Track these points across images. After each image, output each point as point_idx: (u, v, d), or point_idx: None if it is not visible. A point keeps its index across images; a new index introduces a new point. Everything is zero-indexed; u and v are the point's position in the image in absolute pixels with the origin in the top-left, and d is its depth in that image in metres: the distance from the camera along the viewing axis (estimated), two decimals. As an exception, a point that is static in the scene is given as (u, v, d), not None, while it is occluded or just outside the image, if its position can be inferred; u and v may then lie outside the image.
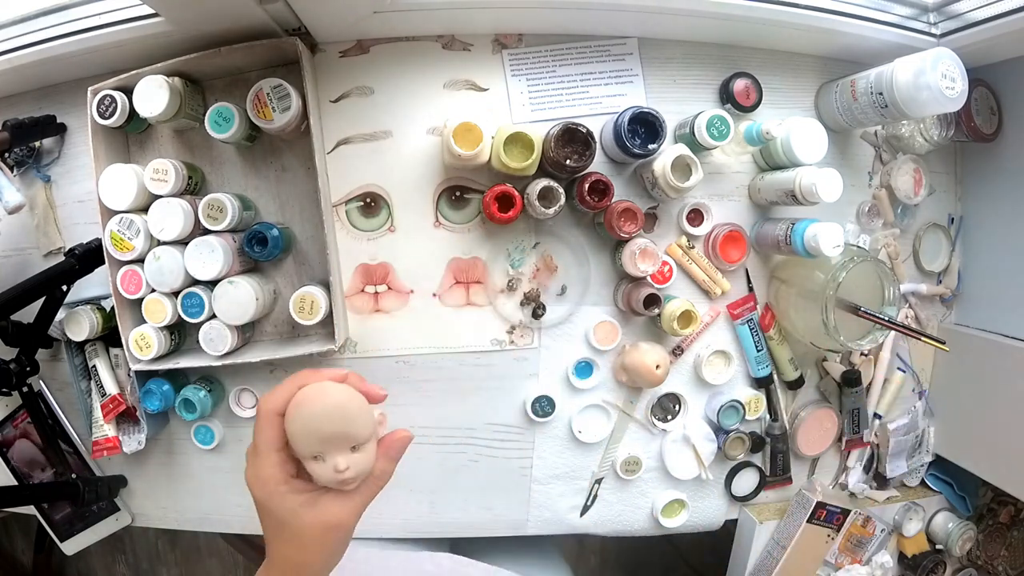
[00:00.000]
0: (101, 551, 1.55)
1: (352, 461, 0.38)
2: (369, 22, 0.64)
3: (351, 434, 0.38)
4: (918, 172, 0.79)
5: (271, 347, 0.70)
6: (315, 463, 0.38)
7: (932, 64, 0.62)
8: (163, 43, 0.63)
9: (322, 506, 0.39)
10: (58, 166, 0.73)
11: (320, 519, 0.39)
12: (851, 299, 0.68)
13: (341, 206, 0.71)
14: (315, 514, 0.39)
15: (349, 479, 0.38)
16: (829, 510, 0.77)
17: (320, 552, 0.40)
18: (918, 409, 0.85)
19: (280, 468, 0.39)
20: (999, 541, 0.91)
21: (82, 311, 0.69)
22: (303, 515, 0.39)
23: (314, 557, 0.40)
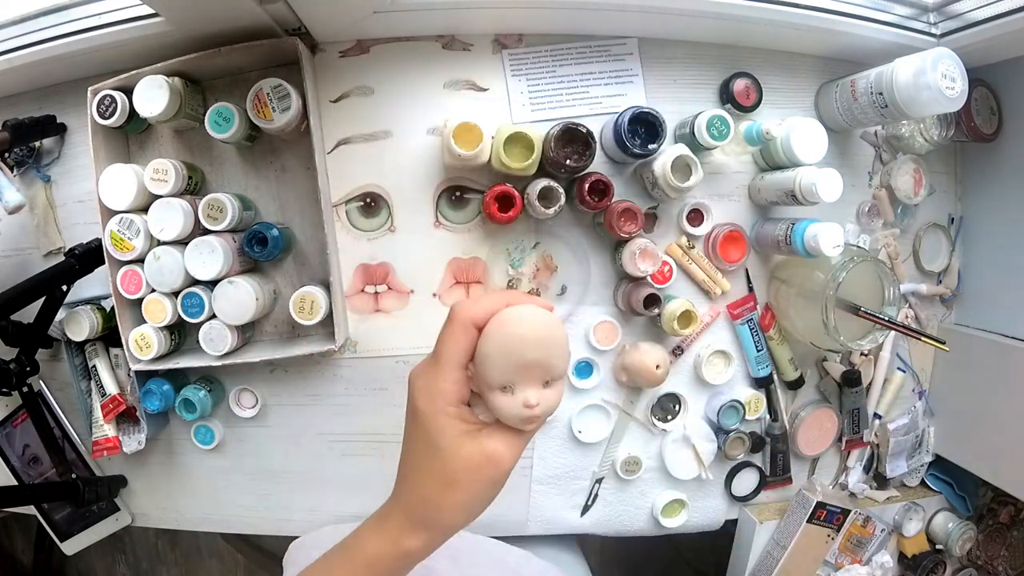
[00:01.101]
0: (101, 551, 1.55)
1: (543, 397, 0.35)
2: (369, 22, 0.64)
3: (551, 366, 0.35)
4: (918, 172, 0.79)
5: (271, 347, 0.70)
6: (502, 395, 0.35)
7: (932, 64, 0.62)
8: (163, 43, 0.63)
9: (485, 438, 0.36)
10: (58, 166, 0.73)
11: (483, 448, 0.35)
12: (851, 299, 0.68)
13: (341, 206, 0.71)
14: (477, 444, 0.35)
15: (536, 416, 0.35)
16: (829, 510, 0.77)
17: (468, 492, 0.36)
18: (918, 409, 0.85)
19: (458, 387, 0.36)
20: (999, 541, 0.91)
21: (82, 311, 0.69)
22: (464, 443, 0.35)
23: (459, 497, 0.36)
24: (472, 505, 0.37)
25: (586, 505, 0.79)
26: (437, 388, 0.35)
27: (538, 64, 0.71)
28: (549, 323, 0.35)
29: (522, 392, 0.34)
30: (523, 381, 0.34)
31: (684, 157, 0.66)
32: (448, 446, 0.35)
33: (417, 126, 0.70)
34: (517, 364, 0.34)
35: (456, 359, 0.35)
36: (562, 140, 0.64)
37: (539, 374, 0.34)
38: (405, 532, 0.36)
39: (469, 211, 0.72)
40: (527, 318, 0.34)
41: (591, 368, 0.76)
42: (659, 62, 0.73)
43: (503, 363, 0.34)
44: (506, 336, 0.34)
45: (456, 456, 0.35)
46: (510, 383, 0.34)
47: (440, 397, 0.35)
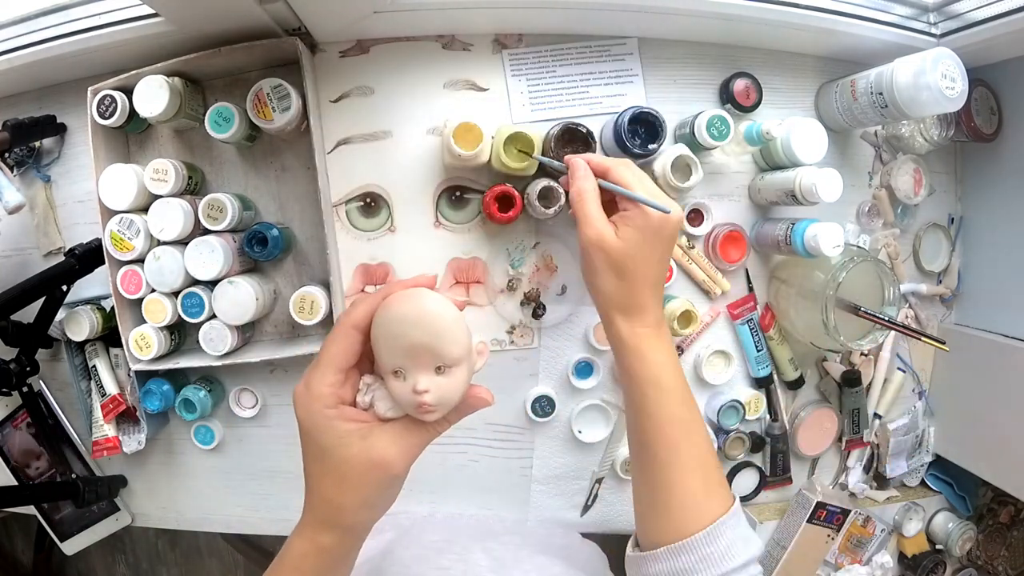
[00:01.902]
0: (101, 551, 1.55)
1: (435, 385, 0.33)
2: (369, 22, 0.64)
3: (440, 350, 0.33)
4: (918, 172, 0.79)
5: (271, 347, 0.70)
6: (395, 380, 0.34)
7: (932, 64, 0.62)
8: (163, 43, 0.63)
9: (372, 440, 0.34)
10: (58, 166, 0.73)
11: (366, 454, 0.34)
12: (851, 299, 0.68)
13: (341, 206, 0.71)
14: (362, 447, 0.34)
15: (427, 405, 0.33)
16: (829, 510, 0.77)
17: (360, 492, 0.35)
18: (918, 409, 0.85)
19: (333, 388, 0.35)
20: (999, 541, 0.91)
21: (82, 311, 0.69)
22: (349, 445, 0.34)
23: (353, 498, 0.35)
24: (371, 504, 0.36)
25: (586, 505, 0.79)
26: (312, 392, 0.35)
27: (538, 64, 0.71)
28: (431, 304, 0.33)
29: (412, 377, 0.33)
30: (413, 366, 0.33)
31: (684, 157, 0.66)
32: (333, 450, 0.34)
33: (417, 126, 0.70)
34: (402, 347, 0.33)
35: (332, 361, 0.35)
36: (562, 140, 0.64)
37: (428, 359, 0.33)
38: (317, 530, 0.36)
39: (469, 211, 0.72)
40: (406, 300, 0.33)
41: (591, 368, 0.76)
42: (659, 62, 0.73)
43: (388, 346, 0.33)
44: (387, 319, 0.33)
45: (342, 459, 0.34)
46: (401, 367, 0.33)
47: (317, 400, 0.35)
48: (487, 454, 0.77)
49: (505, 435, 0.77)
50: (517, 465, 0.77)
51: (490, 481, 0.77)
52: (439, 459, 0.76)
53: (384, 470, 0.35)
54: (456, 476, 0.77)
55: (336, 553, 0.37)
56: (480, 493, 0.78)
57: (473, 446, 0.76)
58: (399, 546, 0.65)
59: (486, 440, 0.77)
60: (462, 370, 0.34)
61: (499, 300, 0.73)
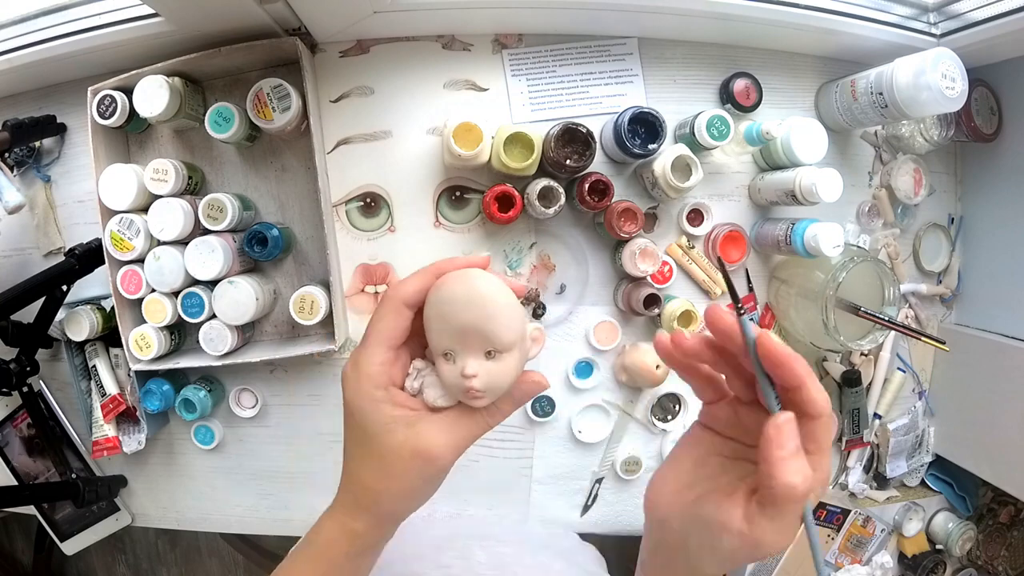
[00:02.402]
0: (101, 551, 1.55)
1: (484, 369, 0.31)
2: (369, 22, 0.64)
3: (490, 333, 0.31)
4: (918, 172, 0.79)
5: (271, 347, 0.70)
6: (444, 363, 0.32)
7: (932, 64, 0.62)
8: (163, 43, 0.63)
9: (420, 428, 0.33)
10: (58, 166, 0.73)
11: (412, 443, 0.32)
12: (851, 299, 0.68)
13: (341, 206, 0.71)
14: (409, 435, 0.32)
15: (475, 390, 0.32)
16: (829, 510, 0.77)
17: (401, 482, 0.33)
18: (918, 409, 0.85)
19: (384, 368, 0.33)
20: (999, 541, 0.91)
21: (82, 311, 0.69)
22: (394, 432, 0.32)
23: (393, 486, 0.33)
24: (411, 495, 0.35)
25: (586, 505, 0.79)
26: (361, 371, 0.33)
27: (538, 64, 0.71)
28: (486, 285, 0.31)
29: (462, 360, 0.32)
30: (463, 349, 0.32)
31: (684, 157, 0.66)
32: (378, 435, 0.32)
33: (417, 126, 0.70)
34: (452, 328, 0.31)
35: (382, 338, 0.33)
36: (562, 140, 0.64)
37: (478, 342, 0.31)
38: (351, 515, 0.35)
39: (469, 211, 0.72)
40: (459, 279, 0.31)
41: (591, 368, 0.76)
42: (659, 62, 0.73)
43: (439, 327, 0.32)
44: (439, 299, 0.32)
45: (386, 446, 0.32)
46: (451, 350, 0.32)
47: (366, 380, 0.32)
48: (487, 454, 0.77)
49: (505, 435, 0.77)
50: (517, 465, 0.77)
51: (490, 481, 0.77)
52: (439, 459, 0.76)
53: (429, 462, 0.33)
54: (456, 476, 0.75)
55: (367, 540, 0.36)
56: (480, 493, 0.78)
57: (473, 446, 0.76)
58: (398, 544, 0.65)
59: (486, 440, 0.76)
60: (513, 356, 0.32)
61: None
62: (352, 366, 0.33)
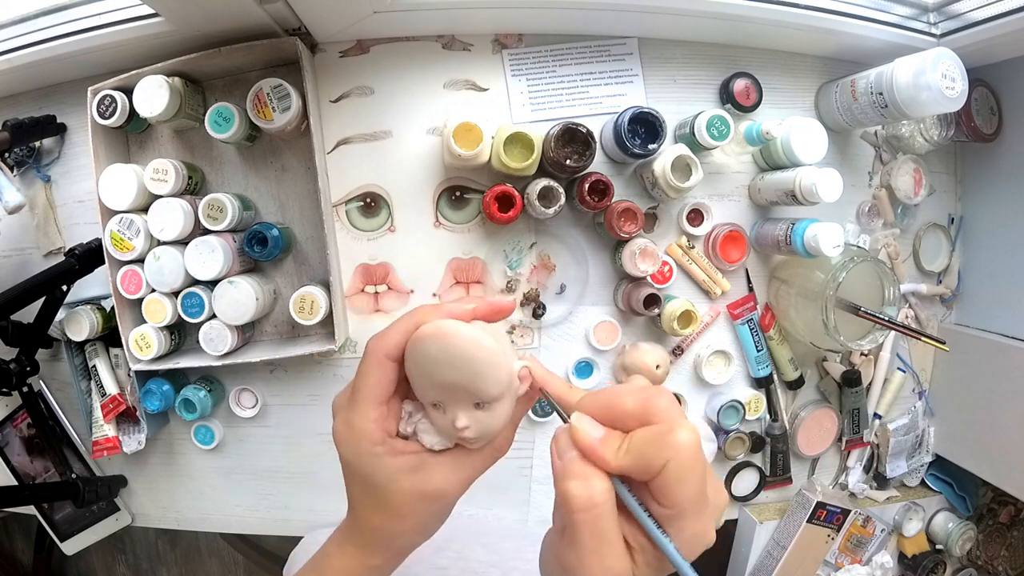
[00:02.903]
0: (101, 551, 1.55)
1: (475, 420, 0.31)
2: (369, 22, 0.64)
3: (476, 389, 0.30)
4: (918, 172, 0.79)
5: (271, 347, 0.70)
6: (435, 412, 0.32)
7: (932, 64, 0.62)
8: (163, 43, 0.63)
9: (425, 473, 0.33)
10: (58, 166, 0.73)
11: (420, 488, 0.33)
12: (851, 299, 0.68)
13: (341, 206, 0.71)
14: (415, 481, 0.33)
15: (469, 439, 0.32)
16: (829, 510, 0.77)
17: (413, 521, 0.34)
18: (918, 409, 0.85)
19: (379, 424, 0.33)
20: (999, 541, 0.91)
21: (82, 311, 0.69)
22: (400, 481, 0.33)
23: (406, 526, 0.34)
24: (424, 531, 0.36)
25: (586, 505, 0.79)
26: (356, 431, 0.33)
27: (538, 64, 0.71)
28: (462, 345, 0.30)
29: (452, 412, 0.31)
30: (450, 401, 0.31)
31: (684, 157, 0.66)
32: (385, 487, 0.33)
33: (417, 126, 0.70)
34: (436, 385, 0.31)
35: (372, 396, 0.32)
36: (562, 140, 0.64)
37: (464, 396, 0.31)
38: (367, 553, 0.35)
39: (469, 211, 0.72)
40: (435, 338, 0.30)
41: (591, 368, 0.76)
42: (659, 62, 0.73)
43: (424, 383, 0.32)
44: (418, 356, 0.31)
45: (395, 494, 0.33)
46: (439, 401, 0.32)
47: (362, 440, 0.33)
48: (487, 454, 0.77)
49: (505, 435, 0.76)
50: (517, 465, 0.77)
51: (490, 481, 0.77)
52: (439, 459, 0.76)
53: (438, 501, 0.34)
54: (456, 476, 0.77)
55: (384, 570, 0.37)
56: (480, 493, 0.78)
57: (473, 446, 0.76)
58: None
59: (486, 440, 0.76)
60: (503, 403, 0.32)
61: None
62: (345, 426, 0.33)
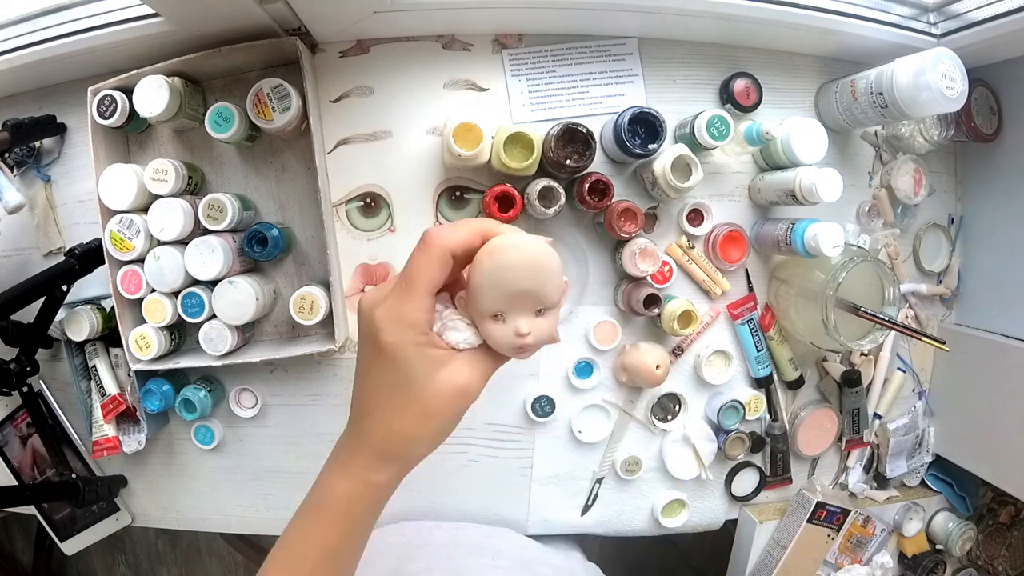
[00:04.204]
0: (101, 551, 1.55)
1: (535, 326, 0.35)
2: (369, 22, 0.64)
3: (544, 295, 0.34)
4: (918, 172, 0.79)
5: (271, 347, 0.70)
6: (493, 323, 0.34)
7: (932, 64, 0.62)
8: (163, 43, 0.63)
9: (454, 368, 0.34)
10: (58, 166, 0.73)
11: (452, 381, 0.34)
12: (851, 299, 0.68)
13: (341, 206, 0.71)
14: (447, 374, 0.34)
15: (529, 345, 0.35)
16: (829, 510, 0.77)
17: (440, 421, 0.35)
18: (918, 409, 0.85)
19: (428, 315, 0.34)
20: (999, 541, 0.91)
21: (82, 311, 0.69)
22: (436, 374, 0.34)
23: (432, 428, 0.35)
24: (442, 433, 0.36)
25: (586, 505, 0.79)
26: (409, 318, 0.33)
27: (538, 64, 0.71)
28: (540, 252, 0.34)
29: (514, 320, 0.34)
30: (514, 310, 0.34)
31: (684, 157, 0.66)
32: (420, 376, 0.33)
33: (417, 126, 0.70)
34: (508, 293, 0.33)
35: (428, 287, 0.33)
36: (562, 140, 0.64)
37: (530, 303, 0.34)
38: (373, 468, 0.36)
39: (469, 211, 0.72)
40: (518, 247, 0.33)
41: (591, 368, 0.76)
42: (659, 62, 0.73)
43: (494, 292, 0.33)
44: (496, 266, 0.33)
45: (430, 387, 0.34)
46: (501, 311, 0.34)
47: (412, 328, 0.33)
48: (487, 454, 0.77)
49: (505, 435, 0.77)
50: (517, 465, 0.77)
51: (490, 481, 0.77)
52: (439, 459, 0.76)
53: (467, 397, 0.35)
54: (456, 476, 0.77)
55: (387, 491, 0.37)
56: (480, 493, 0.78)
57: (473, 446, 0.76)
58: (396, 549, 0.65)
59: (486, 440, 0.77)
60: (556, 311, 0.36)
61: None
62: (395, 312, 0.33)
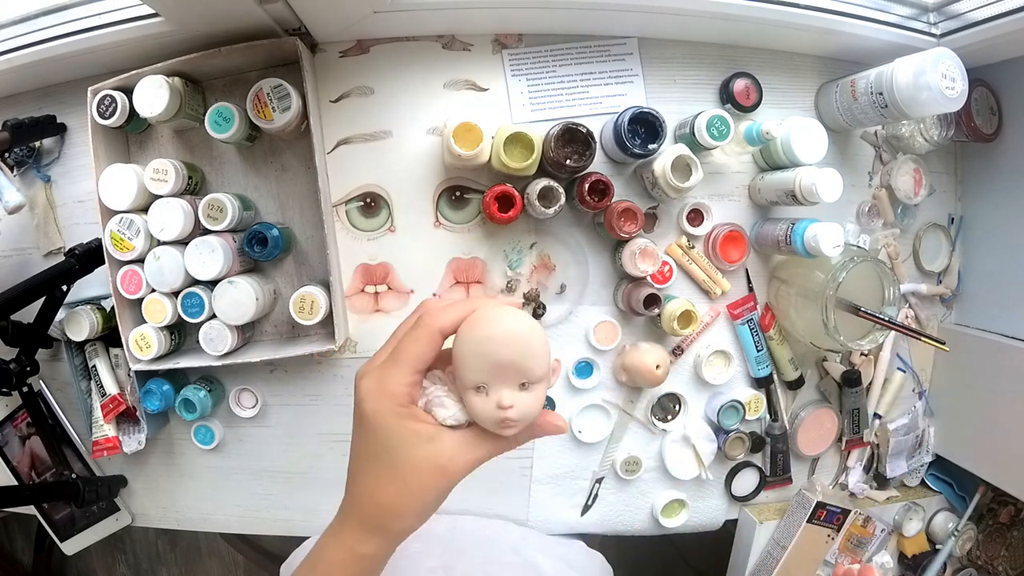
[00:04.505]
0: (101, 551, 1.55)
1: (518, 400, 0.33)
2: (369, 22, 0.64)
3: (527, 368, 0.33)
4: (918, 172, 0.79)
5: (271, 347, 0.70)
6: (476, 395, 0.34)
7: (932, 64, 0.62)
8: (163, 43, 0.63)
9: (440, 444, 0.34)
10: (58, 166, 0.73)
11: (434, 458, 0.33)
12: (851, 299, 0.68)
13: (341, 206, 0.71)
14: (432, 450, 0.33)
15: (511, 420, 0.34)
16: (829, 510, 0.77)
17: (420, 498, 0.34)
18: (918, 409, 0.85)
19: (410, 389, 0.34)
20: (999, 541, 0.91)
21: (82, 311, 0.69)
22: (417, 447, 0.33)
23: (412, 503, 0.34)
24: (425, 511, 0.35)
25: (586, 505, 0.79)
26: (389, 389, 0.34)
27: (538, 64, 0.71)
28: (523, 325, 0.34)
29: (496, 393, 0.33)
30: (497, 382, 0.33)
31: (684, 157, 0.66)
32: (399, 447, 0.33)
33: (417, 126, 0.70)
34: (489, 364, 0.33)
35: (415, 363, 0.34)
36: (562, 140, 0.64)
37: (514, 376, 0.34)
38: (359, 539, 0.35)
39: (469, 211, 0.72)
40: (500, 319, 0.34)
41: (591, 368, 0.76)
42: (659, 62, 0.73)
43: (476, 363, 0.33)
44: (479, 336, 0.33)
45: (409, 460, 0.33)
46: (484, 383, 0.34)
47: (391, 398, 0.34)
48: (487, 454, 0.77)
49: (505, 435, 0.76)
50: (517, 465, 0.77)
51: (490, 481, 0.77)
52: (439, 459, 0.76)
53: (448, 476, 0.34)
54: (456, 476, 0.77)
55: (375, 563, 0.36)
56: (480, 493, 0.78)
57: (473, 446, 0.76)
58: None
59: (486, 440, 0.76)
60: (543, 386, 0.35)
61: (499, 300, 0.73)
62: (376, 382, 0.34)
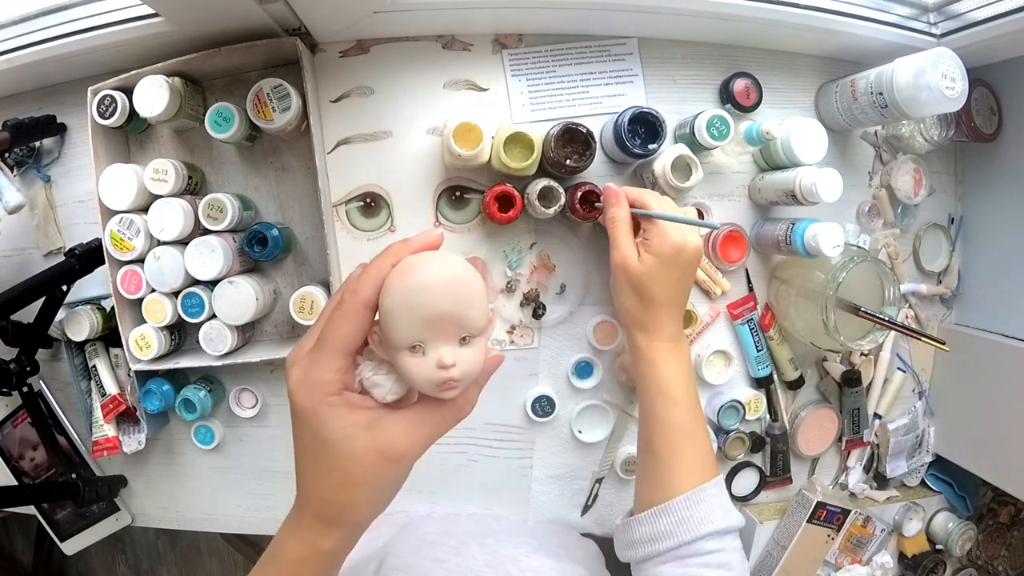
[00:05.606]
0: (101, 551, 1.55)
1: (460, 357, 0.29)
2: (369, 22, 0.64)
3: (467, 319, 0.29)
4: (918, 172, 0.79)
5: (271, 347, 0.70)
6: (411, 356, 0.29)
7: (932, 64, 0.62)
8: (163, 43, 0.63)
9: (381, 430, 0.31)
10: (58, 166, 0.73)
11: (377, 446, 0.30)
12: (851, 299, 0.68)
13: (341, 206, 0.71)
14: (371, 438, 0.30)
15: (454, 379, 0.29)
16: (829, 510, 0.77)
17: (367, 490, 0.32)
18: (918, 409, 0.85)
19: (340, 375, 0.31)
20: (999, 541, 0.91)
21: (82, 311, 0.69)
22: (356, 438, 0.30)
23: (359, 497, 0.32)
24: (377, 501, 0.33)
25: (586, 505, 0.79)
26: (317, 378, 0.31)
27: (538, 64, 0.71)
28: (458, 268, 0.29)
29: (434, 351, 0.29)
30: (435, 337, 0.29)
31: (684, 157, 0.66)
32: (335, 440, 0.30)
33: (417, 126, 0.70)
34: (425, 317, 0.29)
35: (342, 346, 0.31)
36: (562, 140, 0.64)
37: (453, 329, 0.29)
38: (318, 534, 0.33)
39: (469, 211, 0.72)
40: (431, 263, 0.29)
41: (591, 368, 0.76)
42: (659, 62, 0.73)
43: (408, 317, 0.29)
44: (409, 286, 0.29)
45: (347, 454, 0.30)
46: (420, 341, 0.29)
47: (320, 388, 0.31)
48: (487, 454, 0.77)
49: (505, 435, 0.77)
50: (517, 465, 0.77)
51: (490, 481, 0.77)
52: (439, 459, 0.76)
53: (394, 462, 0.31)
54: (456, 476, 0.77)
55: (336, 557, 0.35)
56: (480, 493, 0.78)
57: (473, 446, 0.76)
58: (396, 537, 0.65)
59: (486, 440, 0.77)
60: (483, 340, 0.31)
61: (499, 300, 0.73)
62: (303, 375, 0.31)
